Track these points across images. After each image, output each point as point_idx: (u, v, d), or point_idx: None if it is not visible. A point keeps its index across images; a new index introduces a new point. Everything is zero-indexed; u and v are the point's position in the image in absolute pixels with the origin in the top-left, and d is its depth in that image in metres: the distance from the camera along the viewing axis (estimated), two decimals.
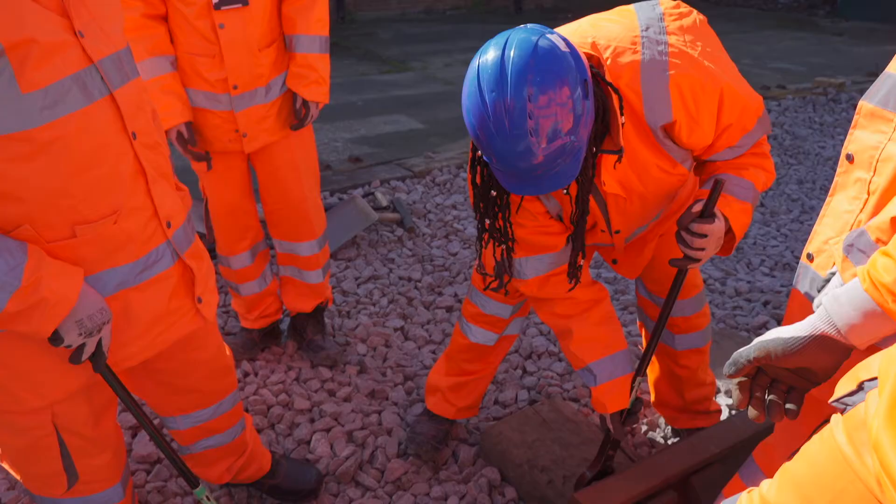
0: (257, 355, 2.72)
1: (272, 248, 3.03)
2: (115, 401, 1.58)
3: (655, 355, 2.20)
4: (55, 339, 1.28)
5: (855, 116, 1.21)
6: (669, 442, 2.36)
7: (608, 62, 1.46)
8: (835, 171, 1.28)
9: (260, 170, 2.43)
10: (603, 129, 1.47)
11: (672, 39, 1.48)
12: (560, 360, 2.79)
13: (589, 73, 1.35)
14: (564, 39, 1.35)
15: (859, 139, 1.20)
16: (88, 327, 1.31)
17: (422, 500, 2.14)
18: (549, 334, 2.94)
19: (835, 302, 1.02)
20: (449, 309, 3.14)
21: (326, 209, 3.46)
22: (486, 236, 1.67)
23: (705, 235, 1.55)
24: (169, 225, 1.45)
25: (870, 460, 0.86)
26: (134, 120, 1.34)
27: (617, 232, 1.76)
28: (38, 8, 1.16)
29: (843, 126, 5.81)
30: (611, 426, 1.83)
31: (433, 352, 2.86)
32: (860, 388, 0.94)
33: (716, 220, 1.55)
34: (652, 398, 2.33)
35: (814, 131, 5.70)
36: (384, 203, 3.93)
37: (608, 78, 1.43)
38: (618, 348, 1.80)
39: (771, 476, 1.16)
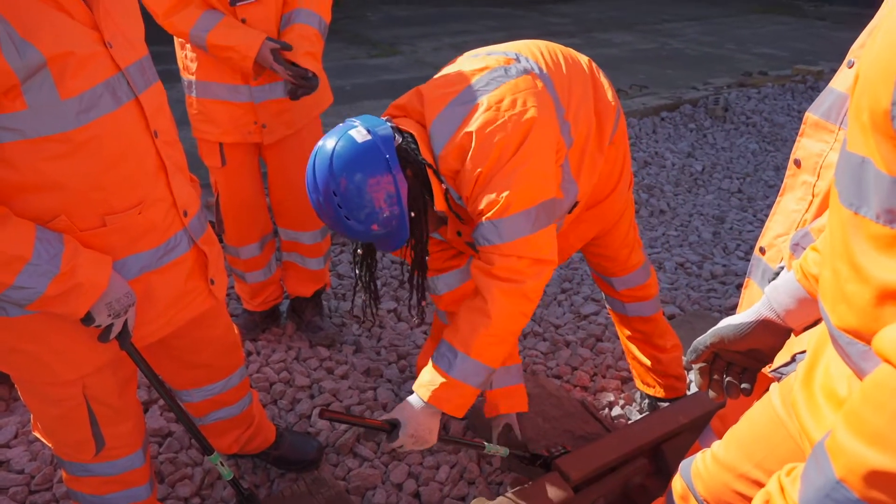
0: (258, 336, 2.87)
1: (277, 236, 3.16)
2: (136, 375, 1.72)
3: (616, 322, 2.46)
4: (87, 319, 1.42)
5: (802, 125, 1.37)
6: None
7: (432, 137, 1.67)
8: None
9: (271, 162, 2.56)
10: (427, 191, 1.67)
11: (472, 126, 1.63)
12: (544, 339, 2.96)
13: (394, 150, 1.58)
14: (370, 127, 1.60)
15: (805, 146, 1.36)
16: (116, 309, 1.45)
17: (415, 469, 2.31)
18: (533, 315, 3.11)
19: (774, 291, 1.18)
20: None
21: None
22: (360, 282, 1.92)
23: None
24: (185, 214, 1.59)
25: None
26: (156, 120, 1.48)
27: None
28: (74, 23, 1.29)
29: None
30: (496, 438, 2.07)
31: (424, 332, 3.01)
32: (793, 359, 1.11)
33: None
34: (628, 357, 2.52)
35: (792, 118, 5.87)
36: None
37: (424, 152, 1.64)
38: (512, 362, 2.09)
39: None
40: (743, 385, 1.25)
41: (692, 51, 8.43)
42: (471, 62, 1.78)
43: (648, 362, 2.42)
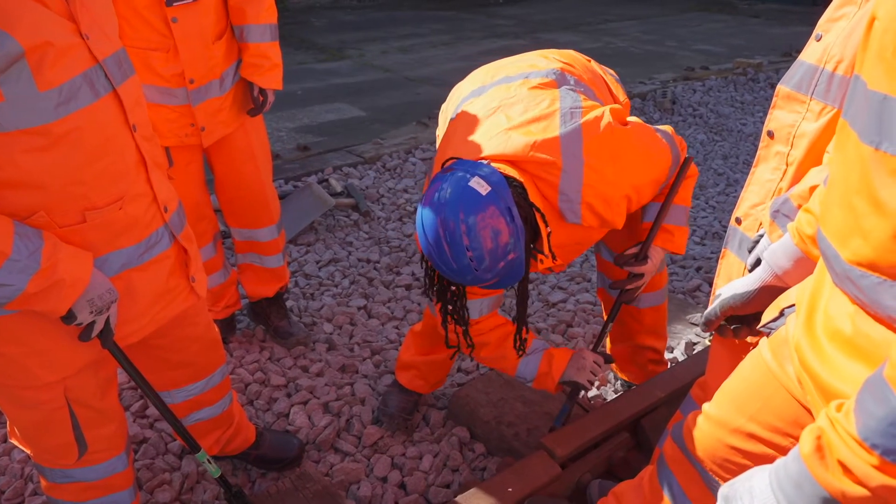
0: (230, 338, 2.82)
1: (229, 237, 3.11)
2: (117, 376, 1.69)
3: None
4: (68, 317, 1.39)
5: (774, 98, 1.43)
6: None
7: (533, 177, 1.71)
8: (756, 146, 1.50)
9: (217, 161, 2.49)
10: (533, 234, 1.71)
11: (585, 159, 1.69)
12: None
13: (512, 200, 1.61)
14: (485, 177, 1.59)
15: (778, 118, 1.42)
16: (98, 306, 1.42)
17: (399, 461, 2.31)
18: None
19: (772, 255, 1.26)
20: (408, 287, 3.30)
21: (282, 197, 3.57)
22: (449, 318, 1.91)
23: (641, 275, 1.99)
24: (166, 209, 1.57)
25: (790, 369, 1.08)
26: (134, 113, 1.45)
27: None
28: (51, 13, 1.26)
29: (761, 104, 6.21)
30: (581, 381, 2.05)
31: (396, 327, 3.02)
32: (781, 314, 1.16)
33: (648, 260, 1.97)
34: (616, 347, 2.54)
35: (735, 109, 6.08)
36: (338, 189, 4.05)
37: (532, 196, 1.68)
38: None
39: None
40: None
41: (635, 49, 8.63)
42: (529, 97, 1.78)
43: (644, 353, 2.43)
